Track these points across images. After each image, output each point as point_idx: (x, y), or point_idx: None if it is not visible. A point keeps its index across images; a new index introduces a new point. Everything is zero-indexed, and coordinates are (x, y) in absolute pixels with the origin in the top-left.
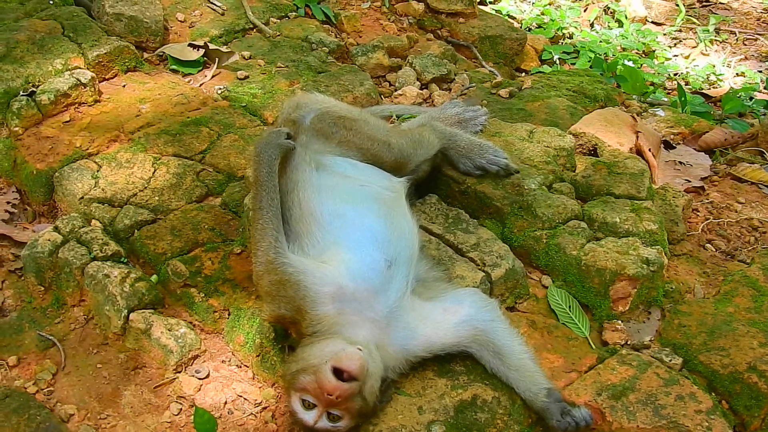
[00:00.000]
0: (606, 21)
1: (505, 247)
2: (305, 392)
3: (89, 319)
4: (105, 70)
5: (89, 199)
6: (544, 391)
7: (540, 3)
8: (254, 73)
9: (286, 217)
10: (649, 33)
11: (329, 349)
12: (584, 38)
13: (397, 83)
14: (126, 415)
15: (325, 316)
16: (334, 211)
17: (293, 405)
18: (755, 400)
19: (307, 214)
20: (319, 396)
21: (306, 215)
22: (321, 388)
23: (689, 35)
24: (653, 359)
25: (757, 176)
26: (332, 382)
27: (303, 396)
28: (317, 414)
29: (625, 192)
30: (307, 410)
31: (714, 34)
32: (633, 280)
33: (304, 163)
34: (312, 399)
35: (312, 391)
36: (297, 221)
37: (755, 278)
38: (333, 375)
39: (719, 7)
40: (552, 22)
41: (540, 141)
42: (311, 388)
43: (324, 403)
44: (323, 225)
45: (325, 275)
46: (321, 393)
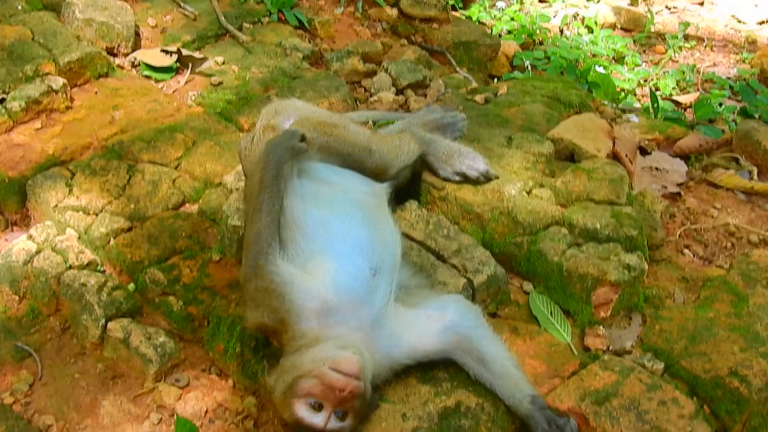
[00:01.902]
0: (576, 27)
1: (487, 253)
2: (311, 396)
3: (66, 329)
4: (76, 76)
5: (63, 207)
6: (528, 398)
7: (510, 9)
8: (228, 79)
9: None
10: (619, 39)
11: (323, 355)
12: (555, 44)
13: (373, 89)
14: (105, 426)
15: (308, 330)
16: (318, 219)
17: (298, 412)
18: (737, 405)
19: (290, 222)
20: (327, 396)
21: (289, 223)
22: (331, 386)
23: (658, 41)
24: (635, 365)
25: (732, 182)
26: (342, 379)
27: (308, 400)
28: (327, 414)
29: (605, 197)
30: (315, 413)
31: (683, 40)
32: (614, 286)
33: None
34: (319, 400)
35: (319, 393)
36: (280, 229)
37: (734, 284)
38: (338, 372)
39: (687, 14)
40: (522, 29)
41: (519, 147)
42: (317, 390)
43: (333, 402)
44: (307, 233)
45: (310, 289)
46: (330, 392)
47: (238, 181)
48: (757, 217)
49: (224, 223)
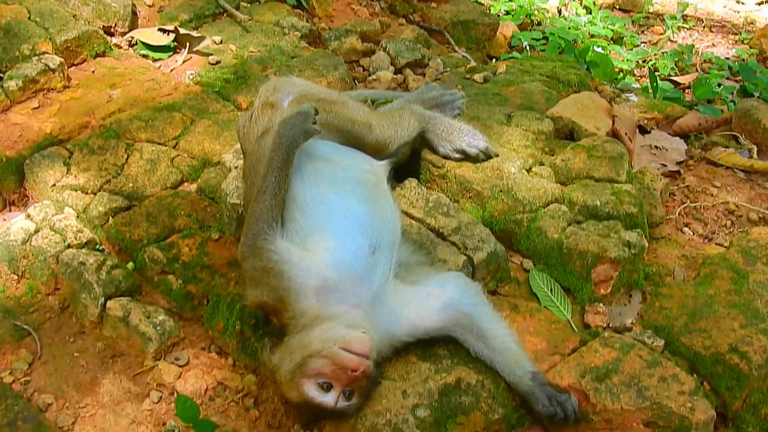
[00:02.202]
0: (574, 7)
1: (487, 230)
2: (321, 375)
3: (65, 308)
4: (74, 55)
5: (61, 186)
6: (528, 375)
7: None
8: (226, 58)
9: None
10: (617, 20)
11: (331, 334)
12: (553, 25)
13: (371, 68)
14: (105, 404)
15: (308, 308)
16: (317, 197)
17: (308, 392)
18: (737, 381)
19: (289, 200)
20: (338, 375)
21: (288, 200)
22: (343, 366)
23: (657, 22)
24: (635, 341)
25: (731, 161)
26: (355, 359)
27: (318, 380)
28: (336, 394)
29: (605, 175)
30: (324, 393)
31: (681, 21)
32: (615, 263)
33: None
34: (329, 380)
35: (330, 373)
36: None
37: (734, 261)
38: (349, 353)
39: None
40: (520, 9)
41: (518, 125)
42: (328, 370)
43: (344, 382)
44: (306, 211)
45: (309, 267)
46: (342, 372)
47: (237, 159)
48: (757, 195)
49: (223, 202)
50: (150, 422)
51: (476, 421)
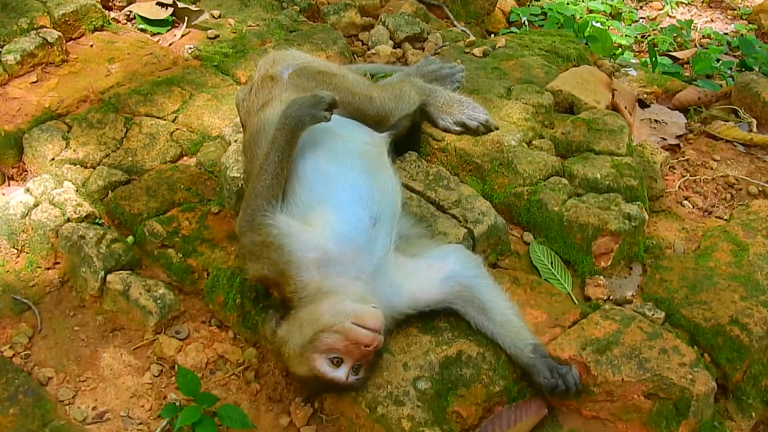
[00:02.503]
0: None
1: (487, 203)
2: (333, 351)
3: (65, 282)
4: (71, 29)
5: (60, 160)
6: (530, 347)
7: None
8: (225, 32)
9: None
10: None
11: (341, 308)
12: (551, 0)
13: (370, 42)
14: (106, 377)
15: (310, 281)
16: (317, 168)
17: (319, 367)
18: (737, 353)
19: (291, 173)
20: (350, 351)
21: (289, 173)
22: (356, 342)
23: None
24: (636, 314)
25: (731, 134)
26: (369, 335)
27: (330, 355)
28: (347, 369)
29: (605, 148)
30: (335, 368)
31: None
32: (615, 236)
33: None
34: (341, 355)
35: (342, 348)
36: None
37: (734, 233)
38: (362, 328)
39: None
40: None
41: (518, 98)
42: (341, 345)
43: (355, 357)
44: (306, 183)
45: (309, 240)
46: (354, 347)
47: (236, 133)
48: (757, 168)
49: (223, 175)
50: (151, 395)
51: (477, 393)
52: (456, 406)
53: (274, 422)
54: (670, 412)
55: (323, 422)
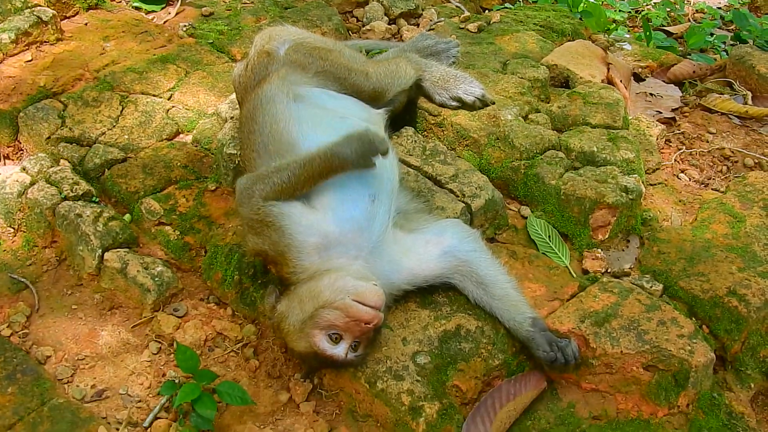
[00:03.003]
0: None
1: (484, 177)
2: (333, 327)
3: (62, 260)
4: (66, 7)
5: (56, 138)
6: (529, 321)
7: None
8: (219, 10)
9: (264, 152)
10: None
11: (342, 284)
12: None
13: (365, 18)
14: (104, 356)
15: (310, 264)
16: (317, 144)
17: (319, 344)
18: (735, 324)
19: (289, 148)
20: (350, 327)
21: (288, 149)
22: (357, 318)
23: None
24: (634, 286)
25: (726, 107)
26: (370, 312)
27: (330, 331)
28: (347, 345)
29: (602, 122)
30: (335, 345)
31: None
32: (612, 209)
33: (282, 95)
34: (340, 332)
35: (342, 325)
36: (279, 156)
37: (731, 205)
38: (363, 305)
39: None
40: None
41: (514, 72)
42: (341, 322)
43: (355, 334)
44: None
45: (311, 224)
46: (354, 324)
47: (232, 110)
48: (752, 140)
49: (219, 152)
50: (150, 373)
51: (476, 367)
52: (455, 380)
53: (274, 398)
54: (669, 384)
55: (323, 398)
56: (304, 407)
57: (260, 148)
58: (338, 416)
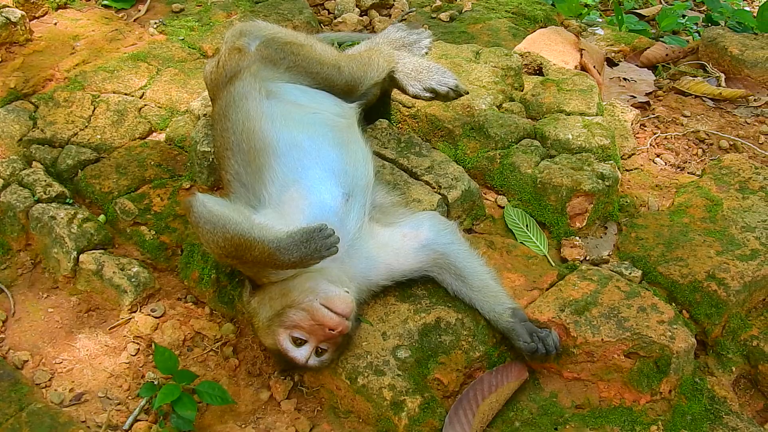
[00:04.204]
0: None
1: (460, 168)
2: (297, 329)
3: (37, 263)
4: (35, 8)
5: (28, 140)
6: (509, 311)
7: None
8: (190, 6)
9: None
10: None
11: (312, 285)
12: None
13: (336, 11)
14: (82, 359)
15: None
16: (291, 141)
17: (282, 343)
18: (715, 308)
19: (263, 146)
20: (315, 331)
21: (261, 147)
22: (321, 323)
23: None
24: (613, 273)
25: (700, 89)
26: (335, 318)
27: (294, 332)
28: (309, 350)
29: (576, 109)
30: (297, 348)
31: None
32: (589, 196)
33: (254, 92)
34: (304, 335)
35: (306, 327)
36: (254, 154)
37: (707, 188)
38: (330, 311)
39: None
40: None
41: (487, 61)
42: (306, 324)
43: (319, 338)
44: (280, 156)
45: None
46: (318, 328)
47: (205, 107)
48: (727, 122)
49: (193, 150)
50: (128, 375)
51: (457, 359)
52: (436, 373)
53: (254, 397)
54: (651, 370)
55: (304, 395)
56: (285, 405)
57: (234, 146)
58: (320, 413)
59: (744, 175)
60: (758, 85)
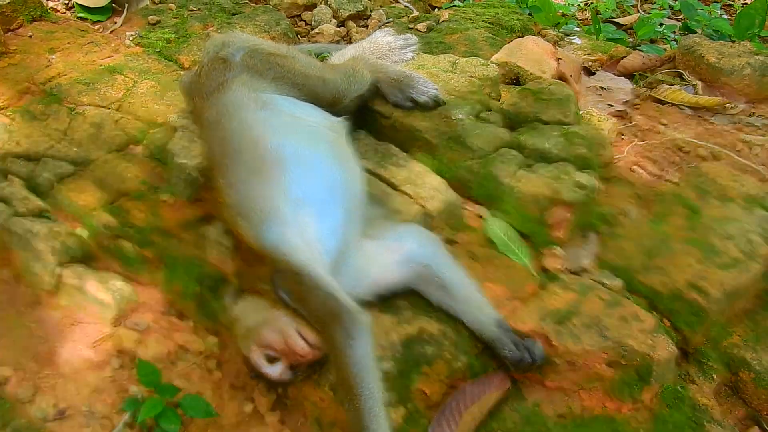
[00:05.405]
0: None
1: (439, 179)
2: (270, 348)
3: (18, 279)
4: (9, 20)
5: (4, 154)
6: (493, 322)
7: None
8: (166, 18)
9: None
10: None
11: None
12: None
13: (314, 22)
14: (65, 374)
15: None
16: (296, 156)
17: (255, 360)
18: (696, 317)
19: (269, 157)
20: (286, 353)
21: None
22: (291, 349)
23: None
24: (594, 282)
25: (677, 97)
26: (305, 348)
27: (267, 351)
28: (280, 369)
29: (554, 118)
30: (270, 365)
31: None
32: (568, 205)
33: (250, 102)
34: (277, 355)
35: (279, 349)
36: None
37: (686, 197)
38: (303, 339)
39: None
40: None
41: (464, 71)
42: (279, 347)
43: (290, 360)
44: (288, 171)
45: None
46: (289, 352)
47: (182, 118)
48: (704, 130)
49: (170, 162)
50: (112, 389)
51: (440, 370)
52: (419, 384)
53: (238, 410)
54: (633, 379)
55: (287, 407)
56: (269, 417)
57: (234, 155)
58: (304, 425)
59: (723, 183)
60: (735, 92)
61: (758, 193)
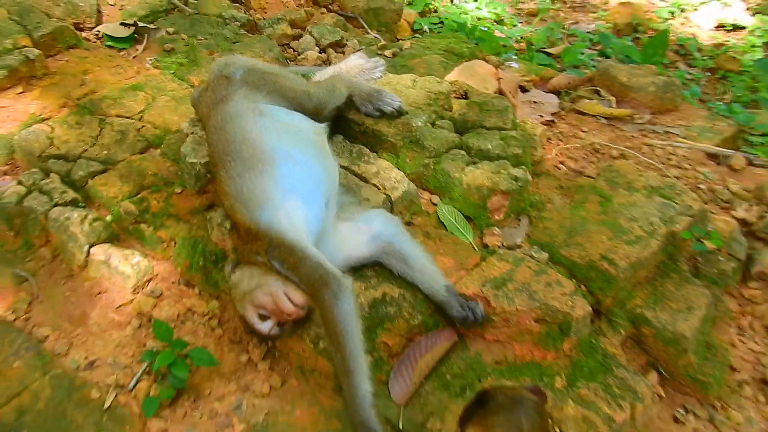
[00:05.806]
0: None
1: (401, 173)
2: (262, 308)
3: (56, 257)
4: (49, 47)
5: (46, 156)
6: (443, 287)
7: None
8: (179, 46)
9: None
10: (498, 5)
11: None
12: (447, 11)
13: (300, 49)
14: (94, 332)
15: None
16: (286, 153)
17: (250, 317)
18: (607, 283)
19: (263, 155)
20: (276, 312)
21: (261, 156)
22: (280, 309)
23: (531, 5)
24: (525, 255)
25: (595, 110)
26: (291, 308)
27: (259, 310)
28: (271, 325)
29: (495, 125)
30: (262, 322)
31: (550, 3)
32: (505, 194)
33: (248, 110)
34: (267, 314)
35: (269, 309)
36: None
37: (601, 188)
38: (289, 301)
39: None
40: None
41: (422, 87)
42: (269, 307)
43: (279, 317)
44: (279, 167)
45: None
46: (278, 311)
47: (192, 126)
48: (617, 136)
49: (183, 162)
50: (133, 344)
51: (400, 326)
52: (383, 337)
53: (236, 360)
54: (556, 333)
55: (276, 357)
56: (261, 365)
57: (234, 153)
58: (289, 371)
59: (630, 177)
60: (642, 106)
61: (658, 185)
